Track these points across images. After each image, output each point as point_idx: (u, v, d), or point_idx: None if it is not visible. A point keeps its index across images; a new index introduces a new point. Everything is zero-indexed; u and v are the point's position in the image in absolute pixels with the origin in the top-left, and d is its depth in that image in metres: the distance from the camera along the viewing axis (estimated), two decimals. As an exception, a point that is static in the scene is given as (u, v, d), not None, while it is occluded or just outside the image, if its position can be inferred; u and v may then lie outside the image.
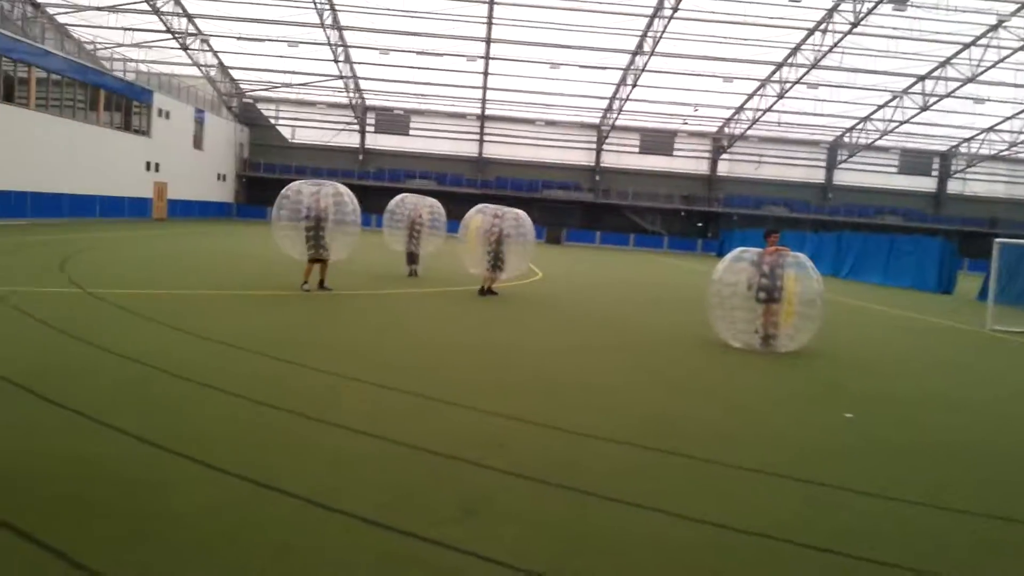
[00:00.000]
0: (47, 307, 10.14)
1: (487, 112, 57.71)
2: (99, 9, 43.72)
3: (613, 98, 53.56)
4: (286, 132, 59.24)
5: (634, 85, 49.97)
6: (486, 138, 59.45)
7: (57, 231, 26.05)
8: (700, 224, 60.92)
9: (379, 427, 5.90)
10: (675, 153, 60.95)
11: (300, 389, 6.98)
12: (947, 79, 46.92)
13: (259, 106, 58.71)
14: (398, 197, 20.61)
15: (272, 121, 59.09)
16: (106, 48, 44.43)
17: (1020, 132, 54.03)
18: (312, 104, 58.06)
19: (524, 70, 50.22)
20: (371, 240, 22.57)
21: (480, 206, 17.49)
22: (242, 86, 56.59)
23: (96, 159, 35.71)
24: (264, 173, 56.88)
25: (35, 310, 9.71)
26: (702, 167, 61.22)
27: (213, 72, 52.62)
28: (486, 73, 51.12)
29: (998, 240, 18.23)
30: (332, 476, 4.85)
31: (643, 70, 47.87)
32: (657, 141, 60.38)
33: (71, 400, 5.95)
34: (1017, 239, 20.42)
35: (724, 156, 60.54)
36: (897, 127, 54.36)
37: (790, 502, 5.08)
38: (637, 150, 60.65)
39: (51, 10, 44.85)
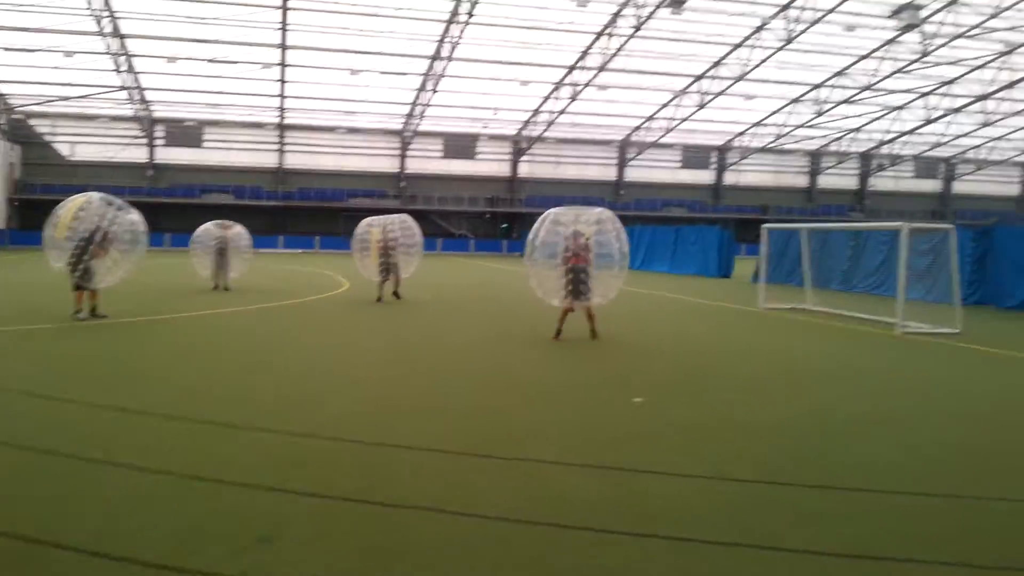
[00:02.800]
0: None
1: (286, 121, 56.16)
2: None
3: (415, 104, 53.72)
4: (64, 149, 54.73)
5: (435, 90, 50.43)
6: (286, 148, 57.85)
7: None
8: (505, 225, 62.41)
9: (167, 462, 5.64)
10: (478, 156, 62.12)
11: (80, 429, 6.55)
12: (720, 78, 50.83)
13: (32, 122, 53.84)
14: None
15: (48, 138, 54.40)
16: None
17: (784, 125, 59.46)
18: (93, 118, 53.96)
19: (323, 77, 49.30)
20: (166, 262, 21.45)
21: (370, 219, 19.15)
22: (10, 101, 51.55)
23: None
24: (41, 195, 52.08)
25: None
26: (504, 169, 62.76)
27: (-27, 85, 47.63)
28: (283, 81, 49.74)
29: (764, 226, 20.00)
30: (114, 521, 4.57)
31: (443, 75, 48.42)
32: (460, 145, 61.28)
33: None
34: (783, 224, 22.46)
35: (524, 158, 62.34)
36: (678, 124, 58.25)
37: (596, 488, 5.31)
38: (441, 155, 61.24)
39: None
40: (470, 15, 41.15)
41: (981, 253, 20.66)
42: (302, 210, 57.23)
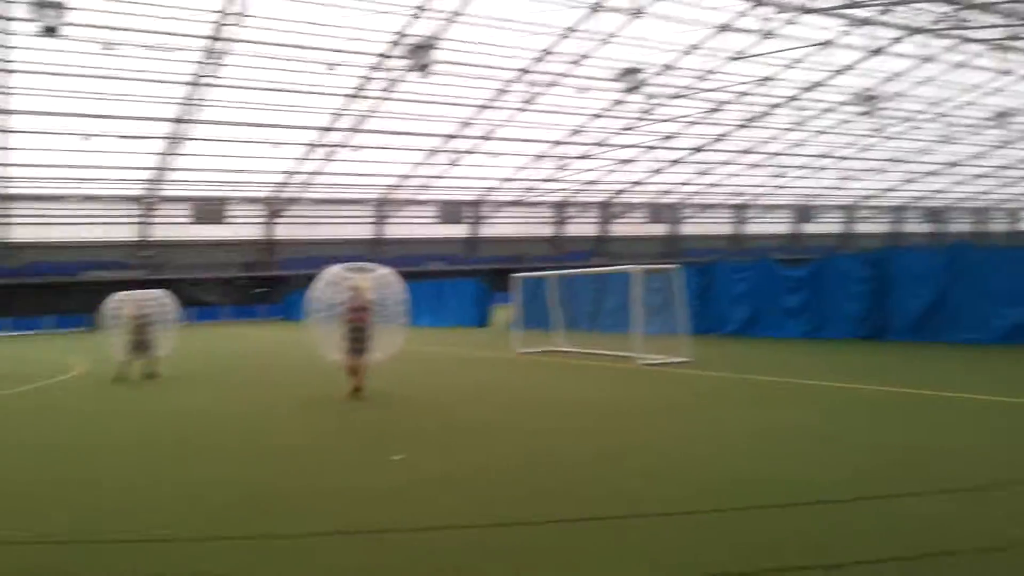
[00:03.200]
0: None
1: (9, 191, 50.72)
2: None
3: (159, 168, 50.78)
4: None
5: (179, 154, 48.08)
6: (10, 221, 52.18)
7: None
8: (258, 290, 60.38)
9: None
10: (230, 220, 59.74)
11: None
12: (469, 137, 53.14)
13: None
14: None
15: None
16: None
17: (529, 179, 63.20)
18: None
19: (51, 143, 45.11)
20: None
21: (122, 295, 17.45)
22: None
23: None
24: None
25: None
26: (259, 232, 60.90)
27: None
28: (5, 148, 45.00)
29: (514, 275, 21.15)
30: None
31: (187, 138, 46.34)
32: (210, 209, 58.61)
33: None
34: (532, 272, 23.53)
35: (281, 220, 60.93)
36: (432, 182, 59.97)
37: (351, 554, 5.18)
38: (190, 220, 58.21)
39: None
40: (215, 78, 39.98)
41: (704, 287, 23.13)
42: (31, 287, 51.72)
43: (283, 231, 61.49)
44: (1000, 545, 4.71)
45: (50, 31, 32.69)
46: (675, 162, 63.44)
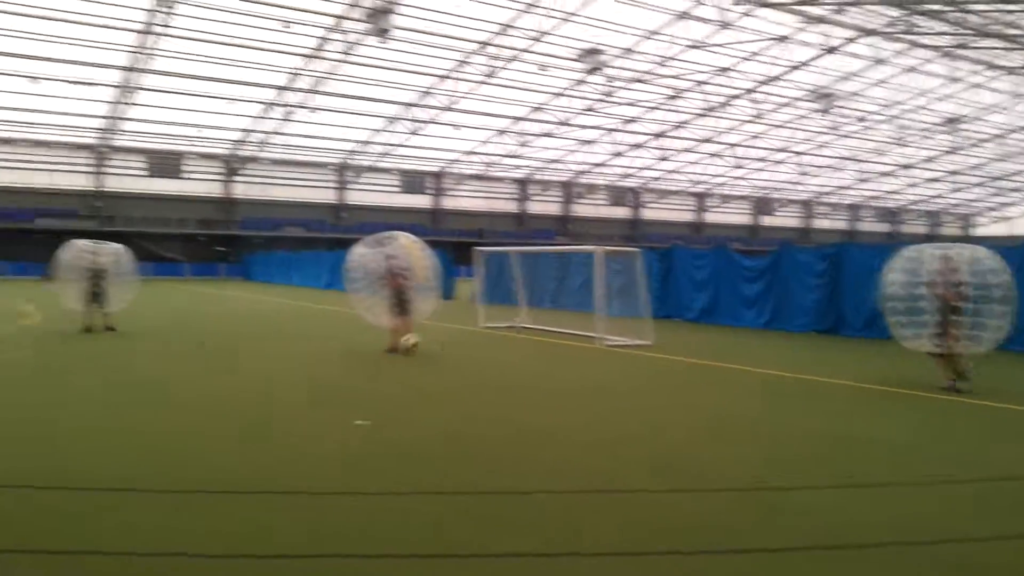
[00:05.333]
0: None
1: (-45, 130, 50.11)
2: None
3: (112, 117, 50.34)
4: None
5: (133, 104, 47.64)
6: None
7: None
8: (220, 248, 60.17)
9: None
10: (186, 176, 59.38)
11: None
12: (430, 107, 53.18)
13: None
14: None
15: None
16: None
17: (492, 155, 63.44)
18: None
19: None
20: None
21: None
22: None
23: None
24: None
25: None
26: (216, 190, 60.56)
27: None
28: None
29: (476, 248, 21.33)
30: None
31: (140, 88, 45.93)
32: (166, 163, 58.21)
33: None
34: (496, 247, 23.32)
35: (238, 179, 60.63)
36: (394, 150, 59.94)
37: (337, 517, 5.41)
38: (145, 173, 57.78)
39: None
40: (166, 25, 39.60)
41: (665, 272, 23.11)
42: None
43: (242, 190, 61.18)
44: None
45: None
46: (636, 146, 63.94)
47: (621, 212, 78.99)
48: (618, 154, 65.63)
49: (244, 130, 55.22)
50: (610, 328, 16.12)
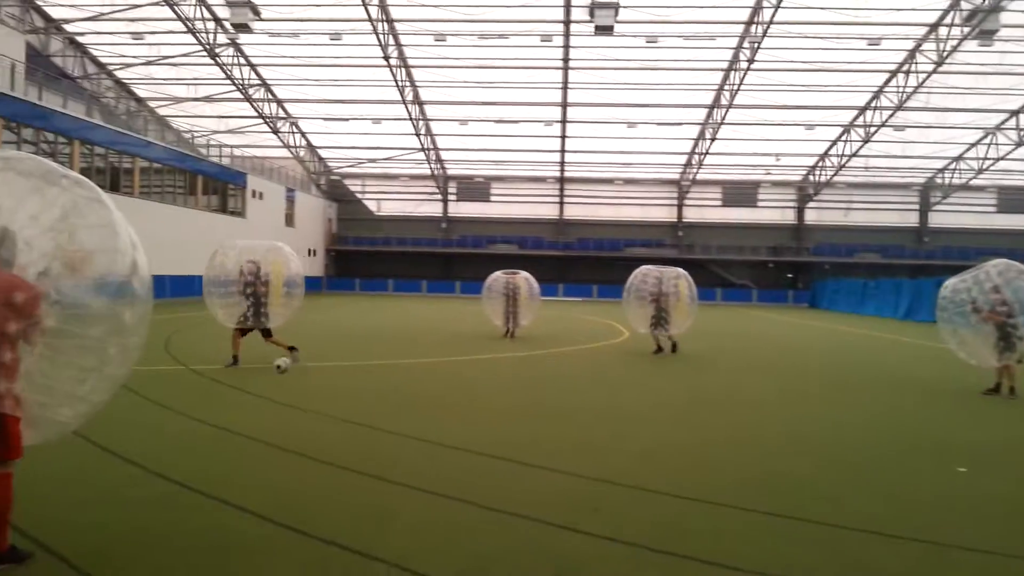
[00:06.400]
0: (154, 385, 10.49)
1: (566, 175, 58.24)
2: (196, 100, 46.57)
3: (692, 153, 53.41)
4: (372, 205, 61.02)
5: (713, 139, 49.74)
6: (566, 200, 59.88)
7: (161, 311, 27.20)
8: (790, 275, 59.48)
9: (462, 491, 5.84)
10: (759, 204, 60.08)
11: (385, 455, 7.00)
12: (1044, 113, 45.07)
13: (346, 182, 60.81)
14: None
15: (359, 195, 61.03)
16: (203, 136, 46.95)
17: None
18: (396, 177, 59.72)
19: (601, 131, 50.73)
20: (459, 308, 22.76)
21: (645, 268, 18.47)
22: (329, 164, 58.85)
23: (196, 241, 37.43)
24: (352, 246, 58.77)
25: (141, 388, 10.01)
26: (788, 217, 60.04)
27: (302, 152, 54.89)
28: (563, 136, 51.77)
29: None
30: (414, 542, 4.82)
31: (721, 123, 47.65)
32: (740, 193, 59.70)
33: (177, 473, 6.13)
34: None
35: (811, 204, 59.28)
36: (992, 164, 52.25)
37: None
38: (720, 203, 60.05)
39: (152, 103, 48.00)
40: (751, 62, 40.18)
41: None
42: (581, 259, 58.68)
43: (812, 215, 59.74)
44: None
45: (603, 29, 36.33)
46: None
47: None
48: None
49: (819, 155, 53.69)
50: None
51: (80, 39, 42.68)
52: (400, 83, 44.75)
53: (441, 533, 4.98)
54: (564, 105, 47.52)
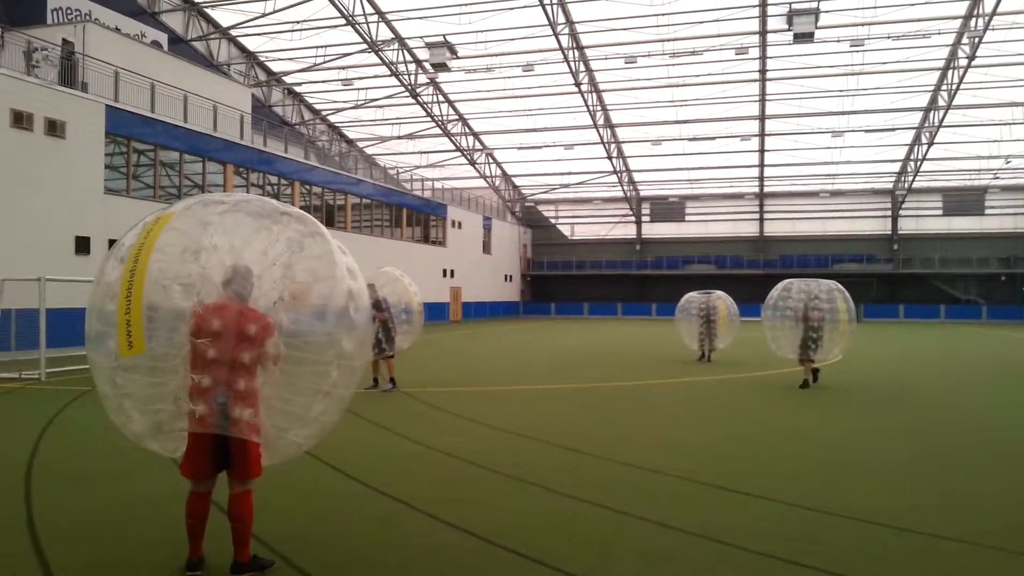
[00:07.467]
0: (367, 404, 11.05)
1: (766, 190, 56.06)
2: (400, 138, 49.52)
3: (907, 159, 49.72)
4: (565, 230, 61.69)
5: (930, 143, 46.00)
6: (766, 216, 57.57)
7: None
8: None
9: (683, 520, 5.60)
10: (987, 211, 54.72)
11: (599, 480, 6.89)
12: None
13: (540, 208, 61.94)
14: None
15: (552, 221, 61.94)
16: (406, 171, 49.64)
17: None
18: (589, 201, 60.05)
19: (803, 142, 48.45)
20: (653, 330, 22.43)
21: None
22: (524, 191, 60.24)
23: (401, 271, 39.49)
24: (546, 271, 59.63)
25: (356, 407, 10.53)
26: (1022, 224, 54.24)
27: (498, 181, 56.60)
28: (762, 150, 49.90)
29: None
30: (643, 571, 4.68)
31: (940, 126, 43.97)
32: (964, 200, 54.64)
33: (397, 491, 6.35)
34: None
35: (1049, 209, 53.28)
36: None
37: None
38: (940, 212, 55.33)
39: (361, 143, 51.55)
40: (971, 58, 36.80)
41: None
42: (784, 278, 55.84)
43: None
44: None
45: (803, 37, 34.74)
46: None
47: None
48: None
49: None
50: None
51: (297, 88, 46.61)
52: (591, 108, 45.10)
53: (665, 563, 4.83)
54: (762, 118, 45.84)
